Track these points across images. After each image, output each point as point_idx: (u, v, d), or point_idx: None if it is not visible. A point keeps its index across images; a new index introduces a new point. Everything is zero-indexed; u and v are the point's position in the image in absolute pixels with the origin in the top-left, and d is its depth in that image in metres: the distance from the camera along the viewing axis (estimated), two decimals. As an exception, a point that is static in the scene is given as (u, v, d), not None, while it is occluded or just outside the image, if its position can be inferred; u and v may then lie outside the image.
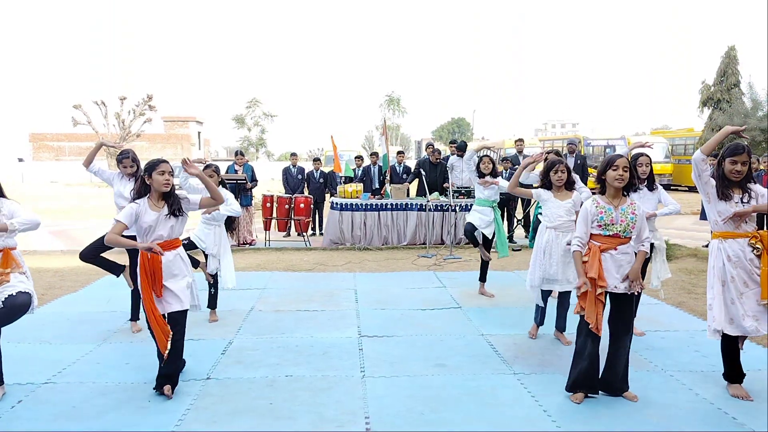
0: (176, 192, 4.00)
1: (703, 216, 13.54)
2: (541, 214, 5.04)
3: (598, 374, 3.83)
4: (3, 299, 3.71)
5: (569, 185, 4.89)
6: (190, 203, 4.02)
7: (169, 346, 3.83)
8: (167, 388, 3.89)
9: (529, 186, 5.29)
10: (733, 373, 3.91)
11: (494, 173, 6.46)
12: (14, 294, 3.71)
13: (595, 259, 3.71)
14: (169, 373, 3.94)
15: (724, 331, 3.78)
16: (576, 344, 3.86)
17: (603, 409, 3.69)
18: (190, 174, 3.96)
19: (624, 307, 3.80)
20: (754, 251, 3.70)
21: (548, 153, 5.91)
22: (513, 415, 3.61)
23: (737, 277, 3.75)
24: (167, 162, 3.93)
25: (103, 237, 4.12)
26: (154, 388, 3.91)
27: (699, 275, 7.51)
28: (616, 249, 3.73)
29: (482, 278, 6.68)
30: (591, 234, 3.81)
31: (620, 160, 3.72)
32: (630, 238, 3.76)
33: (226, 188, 5.82)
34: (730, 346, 3.87)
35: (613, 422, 3.50)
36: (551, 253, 4.81)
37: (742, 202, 3.72)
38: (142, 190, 3.91)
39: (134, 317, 5.41)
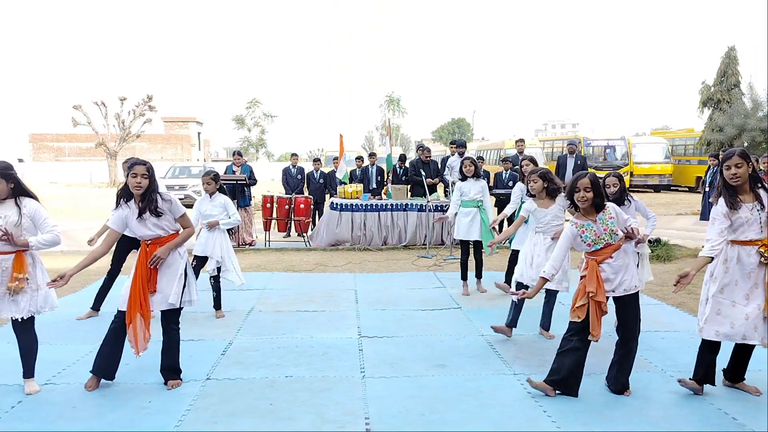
0: (158, 193, 3.95)
1: (703, 216, 13.53)
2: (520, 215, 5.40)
3: (581, 379, 3.85)
4: (19, 317, 3.82)
5: (550, 193, 5.12)
6: (172, 205, 3.99)
7: (139, 341, 3.95)
8: (172, 382, 4.02)
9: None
10: (707, 374, 3.87)
11: (477, 174, 6.68)
12: (18, 319, 3.84)
13: (593, 273, 3.77)
14: (171, 365, 4.08)
15: (703, 333, 3.79)
16: (564, 342, 3.86)
17: (603, 409, 3.69)
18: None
19: (626, 309, 3.85)
20: (762, 259, 3.63)
21: (524, 159, 6.26)
22: (513, 415, 3.61)
23: (719, 280, 3.73)
24: (142, 164, 3.89)
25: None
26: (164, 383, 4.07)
27: (699, 276, 7.48)
28: (611, 257, 3.79)
29: (478, 275, 6.86)
30: (586, 253, 3.88)
31: (581, 181, 3.77)
32: (620, 242, 3.80)
33: (225, 192, 5.87)
34: (709, 347, 3.83)
35: (613, 422, 3.50)
36: (539, 252, 5.08)
37: (758, 210, 3.62)
38: (127, 192, 3.95)
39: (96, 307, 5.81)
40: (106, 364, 3.99)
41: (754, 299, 3.66)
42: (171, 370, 4.09)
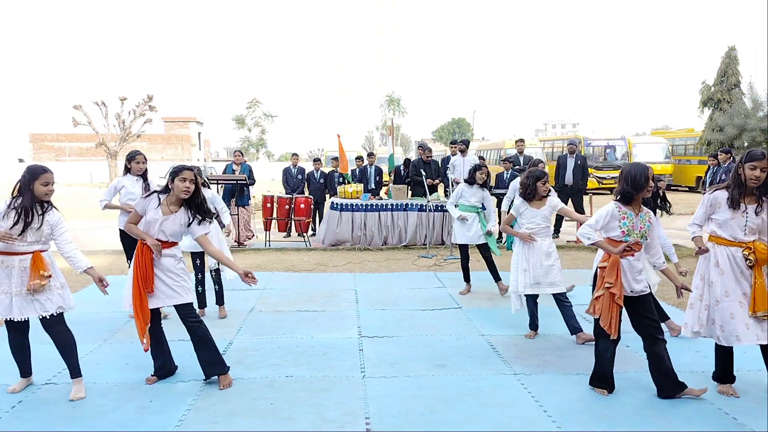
0: (207, 204, 4.12)
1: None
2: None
3: (612, 372, 3.90)
4: (43, 316, 3.79)
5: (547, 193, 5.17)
6: (199, 228, 4.09)
7: (147, 336, 3.96)
8: (223, 380, 4.02)
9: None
10: (724, 374, 3.91)
11: (485, 185, 6.69)
12: (47, 316, 3.81)
13: (614, 266, 3.71)
14: (209, 358, 4.04)
15: (700, 333, 3.84)
16: (596, 346, 3.93)
17: (603, 409, 3.69)
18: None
19: (644, 307, 3.82)
20: (747, 262, 3.67)
21: (539, 163, 6.22)
22: (513, 415, 3.61)
23: (719, 285, 3.75)
24: (191, 170, 4.01)
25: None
26: (204, 380, 4.08)
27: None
28: (633, 255, 3.74)
29: (495, 277, 6.68)
30: (609, 239, 3.78)
31: (650, 172, 3.75)
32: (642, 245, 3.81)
33: (209, 188, 5.86)
34: (722, 348, 3.85)
35: (613, 422, 3.50)
36: (532, 256, 5.04)
37: (755, 212, 3.67)
38: (165, 189, 4.08)
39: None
40: (161, 362, 4.14)
41: (732, 300, 3.72)
42: (211, 363, 4.05)
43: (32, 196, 3.75)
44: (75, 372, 3.90)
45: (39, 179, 3.75)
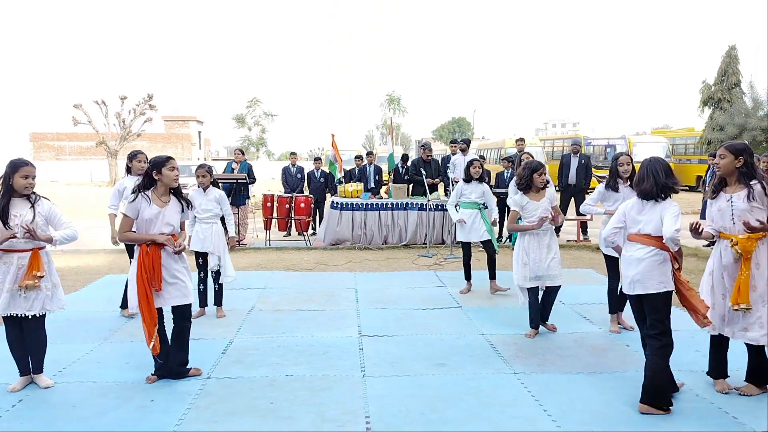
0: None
1: (703, 215, 13.54)
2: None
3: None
4: (31, 314, 3.83)
5: (544, 185, 5.20)
6: (188, 213, 4.22)
7: (156, 337, 3.97)
8: (194, 369, 4.17)
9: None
10: (718, 369, 3.93)
11: (482, 177, 6.70)
12: (29, 316, 3.86)
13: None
14: (183, 360, 4.15)
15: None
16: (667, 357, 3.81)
17: (603, 409, 3.69)
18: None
19: None
20: (735, 255, 3.69)
21: (523, 154, 6.35)
22: (513, 414, 3.61)
23: (712, 278, 3.84)
24: (174, 159, 4.09)
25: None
26: (173, 377, 4.12)
27: (699, 275, 7.43)
28: None
29: (492, 275, 6.69)
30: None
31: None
32: None
33: (219, 188, 5.89)
34: (716, 342, 3.90)
35: (613, 422, 3.50)
36: (532, 250, 5.07)
37: (748, 198, 3.67)
38: (146, 185, 4.02)
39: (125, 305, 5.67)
40: (161, 362, 4.15)
41: (719, 292, 3.80)
42: (184, 364, 4.16)
43: (12, 189, 3.76)
44: (40, 369, 4.01)
45: (19, 172, 3.75)
